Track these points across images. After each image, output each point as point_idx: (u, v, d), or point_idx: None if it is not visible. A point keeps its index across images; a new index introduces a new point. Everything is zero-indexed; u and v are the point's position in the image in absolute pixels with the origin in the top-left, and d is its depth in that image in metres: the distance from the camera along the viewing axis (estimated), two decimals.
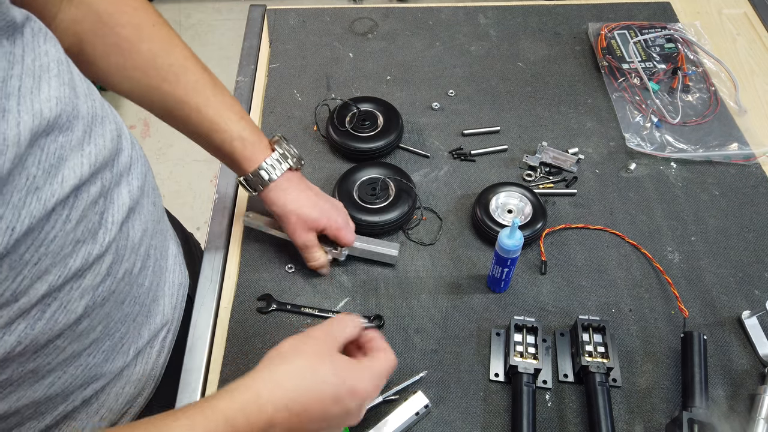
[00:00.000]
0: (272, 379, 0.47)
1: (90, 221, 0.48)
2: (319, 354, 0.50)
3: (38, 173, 0.43)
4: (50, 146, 0.44)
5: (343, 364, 0.51)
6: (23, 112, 0.41)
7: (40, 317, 0.46)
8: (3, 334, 0.44)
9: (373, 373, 0.52)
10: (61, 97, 0.45)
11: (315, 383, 0.48)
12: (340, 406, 0.49)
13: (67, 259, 0.47)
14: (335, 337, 0.52)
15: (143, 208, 0.57)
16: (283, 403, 0.46)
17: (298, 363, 0.49)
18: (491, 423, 0.65)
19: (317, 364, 0.49)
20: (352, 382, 0.50)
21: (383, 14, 1.11)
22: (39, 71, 0.44)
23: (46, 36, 0.47)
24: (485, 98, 0.98)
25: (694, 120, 0.93)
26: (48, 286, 0.46)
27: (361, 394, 0.50)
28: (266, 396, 0.46)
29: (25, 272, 0.43)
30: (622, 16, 1.10)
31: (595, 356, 0.66)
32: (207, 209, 2.06)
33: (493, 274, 0.72)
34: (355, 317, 0.55)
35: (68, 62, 0.49)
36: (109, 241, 0.51)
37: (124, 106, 2.43)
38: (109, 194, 0.51)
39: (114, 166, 0.52)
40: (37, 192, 0.43)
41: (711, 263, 0.78)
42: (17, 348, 0.46)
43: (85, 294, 0.50)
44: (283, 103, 0.98)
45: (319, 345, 0.51)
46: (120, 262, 0.53)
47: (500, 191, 0.81)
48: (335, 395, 0.48)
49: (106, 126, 0.52)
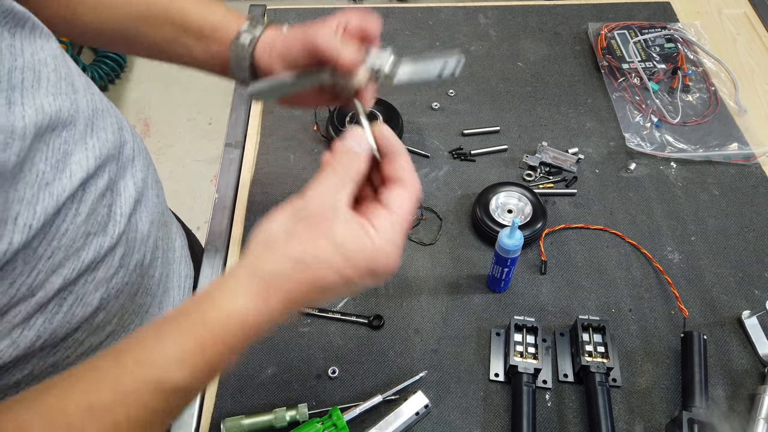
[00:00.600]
0: (266, 287, 0.40)
1: (99, 214, 0.49)
2: (317, 237, 0.40)
3: (47, 169, 0.44)
4: (55, 141, 0.45)
5: (353, 245, 0.40)
6: (27, 105, 0.42)
7: (58, 311, 0.47)
8: (22, 329, 0.45)
9: (393, 235, 0.42)
10: (59, 93, 0.46)
11: (318, 278, 0.41)
12: (359, 283, 0.42)
13: (80, 252, 0.47)
14: (335, 204, 0.42)
15: (148, 200, 0.58)
16: (287, 304, 0.41)
17: (292, 256, 0.40)
18: (491, 423, 0.65)
19: (318, 251, 0.40)
20: (368, 263, 0.41)
21: (383, 14, 1.11)
22: (38, 65, 0.44)
23: (41, 31, 0.47)
24: (485, 98, 0.98)
25: (694, 120, 0.93)
26: (63, 279, 0.46)
27: (382, 270, 0.42)
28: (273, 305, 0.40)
29: (39, 266, 0.44)
30: (622, 16, 1.10)
31: (595, 356, 0.66)
32: (207, 209, 2.06)
33: (493, 274, 0.72)
34: (361, 142, 0.44)
35: (64, 57, 0.49)
36: (119, 233, 0.51)
37: (125, 106, 2.44)
38: (116, 187, 0.52)
39: (118, 159, 0.53)
40: (47, 187, 0.44)
41: (711, 263, 0.78)
42: (37, 343, 0.47)
43: (100, 286, 0.51)
44: None
45: (317, 226, 0.41)
46: (131, 254, 0.54)
47: (500, 191, 0.81)
48: (347, 281, 0.41)
49: (107, 119, 0.53)
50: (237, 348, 0.40)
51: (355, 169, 0.43)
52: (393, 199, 0.43)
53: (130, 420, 0.37)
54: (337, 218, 0.41)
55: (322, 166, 0.44)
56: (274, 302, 0.40)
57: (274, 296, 0.40)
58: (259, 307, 0.40)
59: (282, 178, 0.88)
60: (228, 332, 0.39)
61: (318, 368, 0.69)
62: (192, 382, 0.39)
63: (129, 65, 2.59)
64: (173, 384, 0.38)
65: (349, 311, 0.74)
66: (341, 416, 0.62)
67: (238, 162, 0.90)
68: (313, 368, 0.69)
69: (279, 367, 0.69)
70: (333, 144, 0.45)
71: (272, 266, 0.40)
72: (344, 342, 0.71)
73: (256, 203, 0.84)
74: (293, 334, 0.72)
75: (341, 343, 0.71)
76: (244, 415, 0.64)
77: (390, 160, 0.45)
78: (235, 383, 0.68)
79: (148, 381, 0.38)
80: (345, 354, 0.70)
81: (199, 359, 0.39)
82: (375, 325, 0.72)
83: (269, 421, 0.63)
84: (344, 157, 0.43)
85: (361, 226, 0.41)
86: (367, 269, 0.41)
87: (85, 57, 2.54)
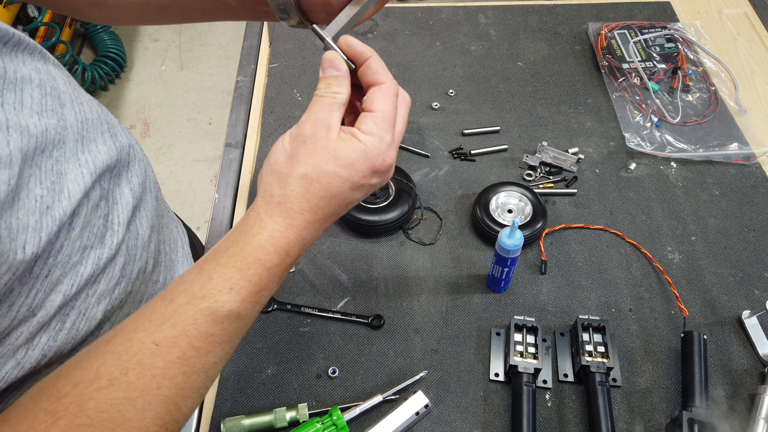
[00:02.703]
0: (284, 208, 0.44)
1: (94, 226, 0.48)
2: (315, 154, 0.45)
3: (44, 193, 0.43)
4: (46, 163, 0.44)
5: (348, 151, 0.45)
6: (11, 129, 0.40)
7: (61, 328, 0.47)
8: (27, 349, 0.44)
9: (380, 131, 0.46)
10: (44, 111, 0.44)
11: (328, 188, 0.45)
12: (366, 184, 0.47)
13: (77, 266, 0.46)
14: (328, 123, 0.46)
15: (147, 204, 0.57)
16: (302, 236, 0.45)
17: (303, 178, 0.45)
18: (491, 423, 0.65)
19: (320, 165, 0.45)
20: (367, 163, 0.45)
21: (383, 14, 1.11)
22: (21, 83, 0.43)
23: (26, 46, 0.46)
24: (485, 98, 0.98)
25: (694, 120, 0.93)
26: (63, 296, 0.45)
27: (380, 165, 0.46)
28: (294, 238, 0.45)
29: (37, 286, 0.43)
30: (622, 15, 1.10)
31: (595, 356, 0.66)
32: (207, 209, 2.07)
33: (493, 274, 0.72)
34: (336, 64, 0.48)
35: (48, 69, 0.48)
36: (117, 242, 0.50)
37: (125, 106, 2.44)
38: (111, 195, 0.51)
39: (112, 168, 0.52)
40: (49, 211, 0.43)
41: (711, 263, 0.78)
42: (42, 361, 0.46)
43: (102, 299, 0.50)
44: (283, 103, 0.98)
45: (314, 145, 0.45)
46: (133, 262, 0.53)
47: (500, 191, 0.81)
48: (354, 184, 0.46)
49: (97, 129, 0.51)
50: (276, 270, 0.44)
51: (339, 91, 0.47)
52: (373, 101, 0.47)
53: (195, 349, 0.41)
54: (331, 134, 0.45)
55: (314, 97, 0.47)
56: (297, 221, 0.45)
57: (295, 215, 0.44)
58: (285, 226, 0.44)
59: None
60: (263, 254, 0.43)
61: (318, 368, 0.69)
62: (242, 305, 0.43)
63: (129, 65, 2.60)
64: (227, 310, 0.42)
65: (349, 311, 0.74)
66: (341, 416, 0.62)
67: (238, 162, 0.90)
68: (313, 368, 0.69)
69: (279, 367, 0.69)
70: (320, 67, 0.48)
71: (283, 189, 0.44)
72: (344, 342, 0.71)
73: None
74: (293, 334, 0.72)
75: (341, 343, 0.71)
76: (244, 415, 0.64)
77: (364, 67, 0.49)
78: (235, 383, 0.68)
79: (203, 311, 0.41)
80: (345, 354, 0.70)
81: (245, 284, 0.43)
82: (375, 325, 0.72)
83: (269, 421, 0.63)
84: (327, 84, 0.47)
85: (352, 134, 0.46)
86: (368, 168, 0.45)
87: (85, 57, 2.55)
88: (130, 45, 2.67)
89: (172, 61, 2.62)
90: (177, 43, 2.71)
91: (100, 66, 2.42)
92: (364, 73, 0.49)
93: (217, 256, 0.44)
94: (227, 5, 0.58)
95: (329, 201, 0.45)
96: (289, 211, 0.44)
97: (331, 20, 0.55)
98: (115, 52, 2.49)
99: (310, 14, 0.57)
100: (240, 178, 0.88)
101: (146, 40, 2.72)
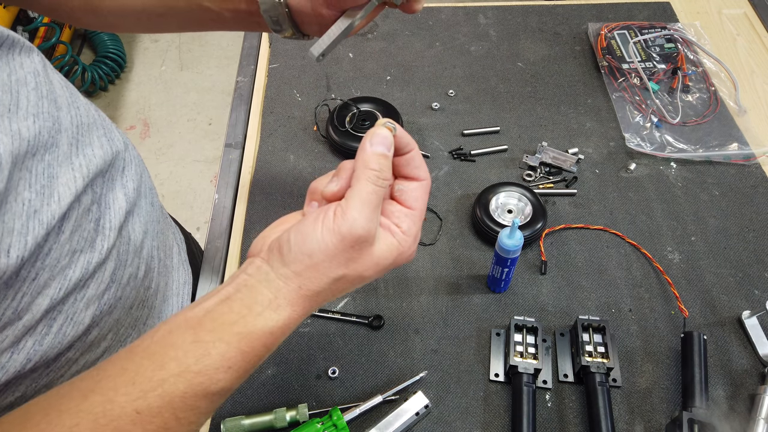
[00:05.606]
0: (310, 302, 0.43)
1: (85, 229, 0.48)
2: (358, 260, 0.43)
3: (33, 196, 0.42)
4: (37, 167, 0.43)
5: (386, 254, 0.44)
6: (2, 133, 0.40)
7: (48, 332, 0.46)
8: (11, 353, 0.44)
9: (415, 229, 0.46)
10: (39, 113, 0.44)
11: (350, 286, 0.45)
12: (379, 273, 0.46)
13: (66, 270, 0.46)
14: (374, 226, 0.43)
15: (141, 210, 0.56)
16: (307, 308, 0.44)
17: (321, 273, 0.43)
18: (491, 423, 0.65)
19: (359, 271, 0.44)
20: (394, 261, 0.45)
21: (383, 14, 1.11)
22: (16, 86, 0.43)
23: (22, 47, 0.46)
24: (485, 98, 0.98)
25: (694, 120, 0.93)
26: (50, 300, 0.45)
27: (403, 262, 0.46)
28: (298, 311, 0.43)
29: (24, 289, 0.43)
30: (622, 16, 1.10)
31: (595, 356, 0.66)
32: (207, 209, 2.06)
33: (493, 274, 0.72)
34: (388, 145, 0.45)
35: (46, 72, 0.48)
36: (108, 247, 0.50)
37: (125, 106, 2.44)
38: (103, 200, 0.50)
39: (105, 172, 0.51)
40: (36, 215, 0.42)
41: (711, 263, 0.78)
42: (27, 365, 0.45)
43: (91, 304, 0.49)
44: (283, 103, 0.98)
45: (360, 253, 0.43)
46: (123, 267, 0.52)
47: (500, 191, 0.81)
48: (367, 278, 0.45)
49: (93, 133, 0.51)
50: (275, 347, 0.43)
51: (389, 177, 0.45)
52: (416, 198, 0.47)
53: (177, 420, 0.39)
54: (378, 243, 0.44)
55: (356, 175, 0.43)
56: (310, 309, 0.44)
57: (315, 305, 0.44)
58: (301, 314, 0.43)
59: (282, 178, 0.88)
60: (271, 340, 0.42)
61: (318, 368, 0.69)
62: (235, 382, 0.41)
63: (129, 65, 2.60)
64: (220, 387, 0.40)
65: (349, 311, 0.74)
66: (341, 416, 0.62)
67: (238, 162, 0.90)
68: (313, 368, 0.69)
69: (279, 367, 0.69)
70: (361, 147, 0.44)
71: (317, 286, 0.42)
72: (344, 342, 0.71)
73: (257, 204, 0.84)
74: (293, 334, 0.72)
75: (341, 343, 0.71)
76: (244, 415, 0.64)
77: (407, 158, 0.47)
78: None
79: (195, 386, 0.39)
80: (345, 354, 0.70)
81: (244, 364, 0.41)
82: (375, 325, 0.72)
83: (269, 422, 0.63)
84: (380, 166, 0.44)
85: (392, 234, 0.45)
86: (393, 263, 0.45)
87: (85, 58, 2.55)
88: (130, 45, 2.67)
89: (172, 62, 2.62)
90: (177, 43, 2.71)
91: (100, 66, 2.42)
92: (405, 164, 0.47)
93: (218, 328, 0.40)
94: (221, 17, 0.59)
95: (340, 292, 0.45)
96: (313, 303, 0.43)
97: (323, 32, 0.56)
98: (115, 53, 2.49)
99: (303, 26, 0.58)
100: (240, 178, 0.88)
101: (146, 40, 2.72)
